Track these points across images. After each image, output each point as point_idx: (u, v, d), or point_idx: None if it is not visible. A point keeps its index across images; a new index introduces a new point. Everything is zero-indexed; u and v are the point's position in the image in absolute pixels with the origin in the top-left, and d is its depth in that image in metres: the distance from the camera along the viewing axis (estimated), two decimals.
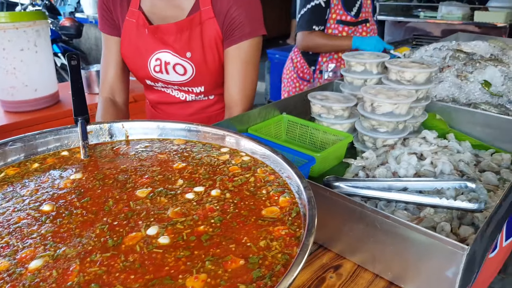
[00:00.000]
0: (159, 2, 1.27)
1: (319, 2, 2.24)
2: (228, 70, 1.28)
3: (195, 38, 1.23)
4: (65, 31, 5.02)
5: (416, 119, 1.26)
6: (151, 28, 1.25)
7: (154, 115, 1.48)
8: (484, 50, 1.70)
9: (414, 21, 4.18)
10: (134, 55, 1.30)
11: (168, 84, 1.33)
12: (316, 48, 2.30)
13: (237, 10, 1.21)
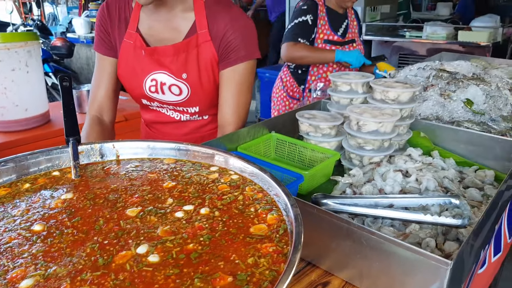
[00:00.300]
0: (156, 24, 1.30)
1: (306, 19, 2.31)
2: (223, 91, 1.31)
3: (191, 60, 1.26)
4: (56, 51, 5.04)
5: (401, 137, 1.29)
6: (148, 50, 1.28)
7: (149, 134, 1.50)
8: (466, 69, 1.75)
9: (400, 40, 4.28)
10: (130, 76, 1.33)
11: (163, 104, 1.35)
12: (300, 59, 2.33)
13: (233, 34, 1.24)
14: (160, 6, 1.26)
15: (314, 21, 2.30)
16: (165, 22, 1.28)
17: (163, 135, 1.45)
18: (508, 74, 1.88)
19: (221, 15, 1.25)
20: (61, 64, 5.36)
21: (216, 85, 1.32)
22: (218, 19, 1.25)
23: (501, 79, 1.68)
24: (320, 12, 2.34)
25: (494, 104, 1.47)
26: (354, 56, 2.16)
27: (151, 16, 1.30)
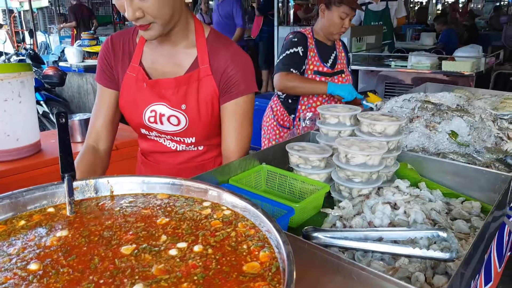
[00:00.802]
0: (160, 59, 1.35)
1: (297, 51, 2.37)
2: (226, 123, 1.36)
3: (191, 92, 1.31)
4: (48, 79, 5.06)
5: (389, 169, 1.33)
6: (150, 82, 1.33)
7: (144, 162, 1.53)
8: (450, 100, 1.81)
9: (386, 70, 4.39)
10: (131, 107, 1.37)
11: (161, 134, 1.39)
12: (292, 88, 2.37)
13: (234, 69, 1.31)
14: (164, 42, 1.32)
15: (304, 52, 2.37)
16: (168, 57, 1.34)
17: (158, 163, 1.48)
18: (491, 104, 1.94)
19: (222, 51, 1.31)
20: (53, 93, 5.36)
21: (214, 118, 1.37)
22: (219, 55, 1.31)
23: (484, 110, 1.74)
24: (310, 44, 2.41)
25: (478, 135, 1.51)
26: (347, 90, 2.21)
27: (154, 51, 1.35)
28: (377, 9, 5.49)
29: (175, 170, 1.46)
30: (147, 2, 1.13)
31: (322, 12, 2.41)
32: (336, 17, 2.35)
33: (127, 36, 1.40)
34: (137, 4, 1.14)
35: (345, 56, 2.64)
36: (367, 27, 5.33)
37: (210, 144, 1.45)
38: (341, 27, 2.38)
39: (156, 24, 1.19)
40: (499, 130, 1.59)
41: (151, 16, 1.16)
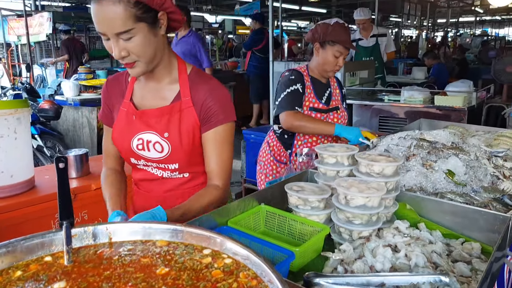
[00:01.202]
0: (147, 94, 1.50)
1: (297, 88, 2.40)
2: (207, 150, 1.48)
3: (173, 121, 1.44)
4: (43, 113, 5.06)
5: (388, 209, 1.32)
6: (138, 113, 1.47)
7: (136, 192, 1.67)
8: (445, 138, 1.83)
9: (379, 104, 4.45)
10: (121, 137, 1.51)
11: (148, 161, 1.50)
12: (300, 127, 2.39)
13: (212, 101, 1.44)
14: (150, 78, 1.48)
15: (303, 89, 2.41)
16: (154, 92, 1.49)
17: (148, 192, 1.60)
18: (485, 141, 1.97)
19: (201, 85, 1.46)
20: (47, 126, 5.35)
21: (195, 146, 1.48)
22: (199, 89, 1.45)
23: (479, 148, 1.76)
24: (306, 82, 2.45)
25: (475, 174, 1.52)
26: (354, 133, 2.22)
27: (143, 88, 1.51)
28: (367, 45, 5.62)
29: (163, 197, 1.55)
30: (131, 43, 1.27)
31: (316, 50, 2.46)
32: (330, 56, 2.40)
33: (121, 78, 1.57)
34: (123, 45, 1.27)
35: (340, 92, 2.68)
36: (359, 62, 5.44)
37: (194, 172, 1.54)
38: (335, 65, 2.43)
39: (140, 62, 1.33)
40: (495, 169, 1.60)
41: (135, 55, 1.30)
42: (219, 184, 1.47)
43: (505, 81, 5.02)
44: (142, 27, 1.27)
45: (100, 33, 1.28)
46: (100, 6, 1.23)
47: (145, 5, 1.26)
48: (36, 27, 8.90)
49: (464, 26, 28.59)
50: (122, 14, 1.22)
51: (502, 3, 4.72)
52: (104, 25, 1.25)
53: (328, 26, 2.39)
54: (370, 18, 5.64)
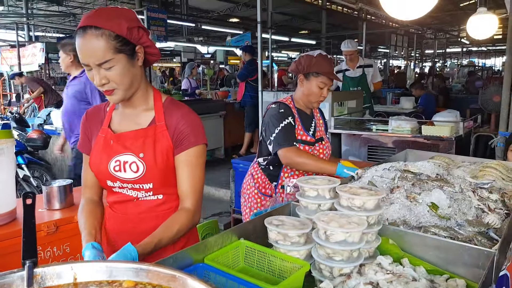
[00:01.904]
0: (124, 120, 1.61)
1: (289, 121, 2.39)
2: (179, 172, 1.56)
3: (148, 143, 1.54)
4: (32, 143, 5.03)
5: (370, 244, 1.29)
6: (115, 136, 1.57)
7: (110, 215, 1.69)
8: (430, 170, 1.82)
9: (368, 134, 4.47)
10: (99, 161, 1.57)
11: (124, 182, 1.57)
12: (300, 164, 2.34)
13: (184, 124, 1.55)
14: (127, 106, 1.59)
15: (294, 122, 2.40)
16: (131, 118, 1.60)
17: (123, 214, 1.64)
18: (471, 173, 1.95)
19: (174, 111, 1.58)
20: (35, 156, 5.31)
21: (169, 166, 1.55)
22: (172, 114, 1.57)
23: (464, 180, 1.74)
24: (294, 114, 2.45)
25: (459, 207, 1.50)
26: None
27: (120, 115, 1.62)
28: (354, 75, 5.71)
29: (138, 219, 1.61)
30: (111, 72, 1.40)
31: (300, 82, 2.47)
32: (314, 87, 2.41)
33: (101, 108, 1.69)
34: (103, 74, 1.41)
35: (323, 123, 2.67)
36: (348, 92, 5.50)
37: (168, 193, 1.61)
38: (320, 96, 2.43)
39: (118, 90, 1.45)
40: (480, 201, 1.58)
41: (114, 83, 1.43)
42: (190, 206, 1.54)
43: (492, 111, 5.09)
44: (121, 58, 1.41)
45: (84, 64, 1.41)
46: (84, 40, 1.37)
47: (124, 38, 1.41)
48: (29, 57, 8.95)
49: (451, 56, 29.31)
50: (103, 46, 1.37)
51: (482, 36, 4.84)
52: (87, 56, 1.39)
53: (312, 57, 2.41)
54: (357, 50, 5.75)
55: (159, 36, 7.88)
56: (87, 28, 1.38)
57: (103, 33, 1.37)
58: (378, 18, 14.55)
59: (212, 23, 13.19)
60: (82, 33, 1.38)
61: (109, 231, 1.69)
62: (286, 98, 2.54)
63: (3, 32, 16.27)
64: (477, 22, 4.70)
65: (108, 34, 1.37)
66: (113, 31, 1.38)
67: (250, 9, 15.91)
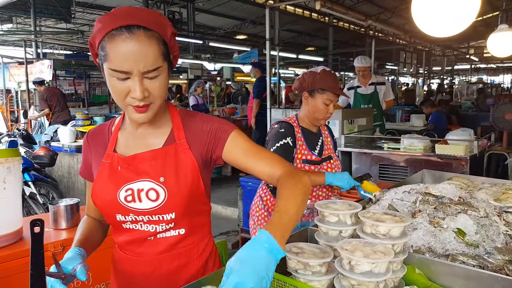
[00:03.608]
0: (132, 142, 1.37)
1: (287, 141, 2.32)
2: (239, 159, 1.35)
3: (169, 164, 1.31)
4: (38, 160, 5.00)
5: (396, 274, 1.22)
6: (126, 160, 1.32)
7: (122, 258, 1.43)
8: (452, 193, 1.75)
9: (379, 152, 4.40)
10: (104, 192, 1.34)
11: (139, 215, 1.32)
12: None
13: (208, 123, 1.36)
14: (141, 126, 1.35)
15: (293, 142, 2.34)
16: (140, 139, 1.36)
17: (138, 256, 1.39)
18: (493, 195, 1.88)
19: (192, 121, 1.37)
20: (42, 173, 5.27)
21: (193, 191, 1.33)
22: (192, 125, 1.37)
23: (488, 203, 1.67)
24: (297, 133, 2.39)
25: (487, 234, 1.43)
26: (345, 179, 2.14)
27: (128, 137, 1.38)
28: (365, 92, 5.64)
29: (157, 260, 1.37)
30: (155, 82, 1.19)
31: (305, 99, 2.42)
32: (320, 104, 2.36)
33: (104, 129, 1.45)
34: (146, 85, 1.18)
35: (332, 140, 2.61)
36: (358, 110, 5.45)
37: (191, 226, 1.38)
38: (326, 112, 2.38)
39: (154, 104, 1.23)
40: (507, 226, 1.51)
41: (154, 97, 1.21)
42: (288, 170, 1.31)
43: (505, 128, 5.00)
44: (166, 67, 1.22)
45: (121, 71, 1.15)
46: (131, 41, 1.13)
47: (167, 44, 1.22)
48: (37, 74, 9.02)
49: (459, 73, 29.32)
50: (155, 51, 1.16)
51: (503, 54, 4.75)
52: (132, 62, 1.14)
53: (316, 74, 2.36)
54: (370, 66, 5.69)
55: None
56: (133, 28, 1.13)
57: (154, 35, 1.16)
58: (386, 35, 14.60)
59: (219, 40, 13.30)
60: (126, 33, 1.12)
61: (121, 275, 1.45)
62: (290, 117, 2.49)
63: (12, 49, 16.53)
64: (498, 39, 4.61)
65: (158, 37, 1.17)
66: (161, 34, 1.18)
67: (257, 26, 16.05)
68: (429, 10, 2.38)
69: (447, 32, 2.47)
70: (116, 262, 1.47)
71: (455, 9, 2.33)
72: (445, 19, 2.38)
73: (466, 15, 2.37)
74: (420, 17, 2.47)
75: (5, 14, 12.13)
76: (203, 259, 1.43)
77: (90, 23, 15.32)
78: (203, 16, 15.07)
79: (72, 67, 12.66)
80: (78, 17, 13.59)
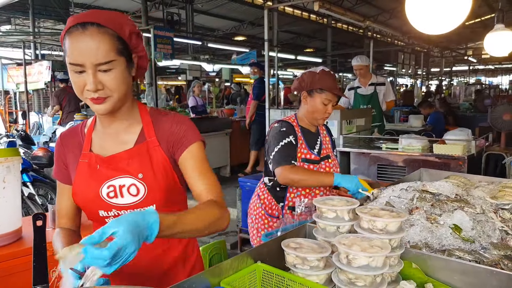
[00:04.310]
0: (107, 141, 1.45)
1: (290, 140, 2.34)
2: (188, 172, 1.41)
3: (145, 162, 1.40)
4: (37, 160, 5.00)
5: (393, 269, 1.23)
6: (105, 160, 1.40)
7: None
8: (448, 190, 1.76)
9: (377, 152, 4.41)
10: (85, 190, 1.40)
11: (121, 209, 1.39)
12: (298, 181, 2.30)
13: (177, 126, 1.43)
14: (111, 123, 1.43)
15: (295, 141, 2.35)
16: (115, 137, 1.44)
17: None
18: (490, 193, 1.90)
19: (164, 120, 1.45)
20: (40, 173, 5.27)
21: (170, 184, 1.41)
22: (161, 124, 1.44)
23: (485, 200, 1.69)
24: (297, 132, 2.40)
25: (483, 230, 1.45)
26: (354, 182, 2.14)
27: (101, 136, 1.46)
28: (365, 93, 5.63)
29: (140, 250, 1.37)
30: (109, 76, 1.25)
31: (304, 99, 2.43)
32: (319, 104, 2.37)
33: (76, 131, 1.51)
34: (99, 78, 1.24)
35: (330, 140, 2.63)
36: (356, 110, 5.46)
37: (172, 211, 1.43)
38: (325, 112, 2.39)
39: (112, 98, 1.29)
40: (503, 223, 1.53)
41: (110, 90, 1.27)
42: (215, 198, 1.37)
43: (503, 129, 5.03)
44: (121, 62, 1.28)
45: (74, 64, 1.24)
46: (83, 36, 1.22)
47: (125, 41, 1.29)
48: (35, 75, 9.02)
49: (457, 75, 29.40)
50: (107, 44, 1.24)
51: (500, 54, 4.78)
52: (85, 55, 1.22)
53: (315, 74, 2.38)
54: (368, 65, 5.68)
55: (166, 54, 7.94)
56: (87, 24, 1.23)
57: (107, 31, 1.25)
58: (384, 36, 14.64)
59: (218, 41, 13.32)
60: (81, 29, 1.22)
61: None
62: (289, 117, 2.50)
63: (10, 50, 16.52)
64: (495, 39, 4.63)
65: (111, 33, 1.25)
66: (116, 31, 1.27)
67: (255, 28, 16.09)
68: (423, 8, 2.41)
69: (440, 29, 2.50)
70: None
71: (447, 7, 2.36)
72: (438, 17, 2.40)
73: (458, 13, 2.40)
74: (414, 15, 2.49)
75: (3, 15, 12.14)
76: (184, 243, 1.53)
77: None
78: (202, 17, 15.12)
79: None
80: None
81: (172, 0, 12.64)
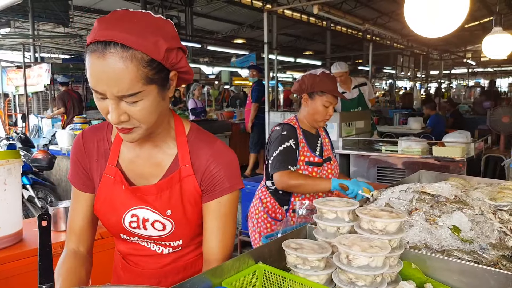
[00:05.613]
0: (138, 159, 1.28)
1: (290, 144, 2.34)
2: (208, 223, 1.28)
3: (175, 196, 1.25)
4: (37, 163, 5.02)
5: (393, 269, 1.24)
6: (130, 189, 1.25)
7: (124, 267, 1.41)
8: (447, 191, 1.78)
9: (377, 154, 4.44)
10: (108, 211, 1.28)
11: (144, 239, 1.31)
12: (295, 187, 2.30)
13: (216, 167, 1.25)
14: (144, 143, 1.26)
15: (296, 145, 2.36)
16: (147, 157, 1.27)
17: (142, 268, 1.37)
18: (489, 194, 1.91)
19: (203, 150, 1.26)
20: (40, 176, 5.29)
21: (199, 216, 1.30)
22: (201, 154, 1.26)
23: (483, 202, 1.70)
24: (299, 135, 2.41)
25: (481, 230, 1.46)
26: (354, 182, 2.16)
27: (132, 151, 1.28)
28: (352, 96, 5.66)
29: (161, 273, 1.35)
30: (135, 107, 1.05)
31: (305, 101, 2.45)
32: (319, 106, 2.39)
33: (101, 134, 1.31)
34: (124, 108, 1.04)
35: (329, 141, 2.64)
36: (356, 113, 5.49)
37: (197, 242, 1.36)
38: (325, 114, 2.41)
39: (139, 128, 1.11)
40: (501, 224, 1.54)
41: (137, 121, 1.08)
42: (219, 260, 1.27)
43: (502, 131, 5.05)
44: (151, 90, 1.05)
45: (96, 91, 1.03)
46: (103, 61, 0.98)
47: (159, 64, 1.04)
48: (35, 78, 9.03)
49: (457, 77, 29.47)
50: (132, 74, 0.99)
51: (498, 56, 4.82)
52: (104, 84, 1.00)
53: (315, 76, 2.40)
54: (347, 71, 5.69)
55: None
56: (109, 45, 0.97)
57: (134, 55, 0.98)
58: (383, 39, 14.68)
59: (217, 44, 13.35)
60: (101, 50, 0.97)
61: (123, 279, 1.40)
62: (291, 119, 2.51)
63: (9, 53, 16.54)
64: (493, 42, 4.67)
65: (140, 58, 0.99)
66: (148, 53, 1.00)
67: (255, 30, 16.13)
68: (421, 11, 2.43)
69: (438, 32, 2.52)
70: (118, 268, 1.44)
71: (445, 10, 2.38)
72: (437, 20, 2.43)
73: (456, 16, 2.42)
74: (412, 18, 2.52)
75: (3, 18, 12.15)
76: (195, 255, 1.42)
77: (88, 27, 15.36)
78: (201, 20, 15.15)
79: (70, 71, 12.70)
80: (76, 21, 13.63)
81: (172, 3, 12.67)
